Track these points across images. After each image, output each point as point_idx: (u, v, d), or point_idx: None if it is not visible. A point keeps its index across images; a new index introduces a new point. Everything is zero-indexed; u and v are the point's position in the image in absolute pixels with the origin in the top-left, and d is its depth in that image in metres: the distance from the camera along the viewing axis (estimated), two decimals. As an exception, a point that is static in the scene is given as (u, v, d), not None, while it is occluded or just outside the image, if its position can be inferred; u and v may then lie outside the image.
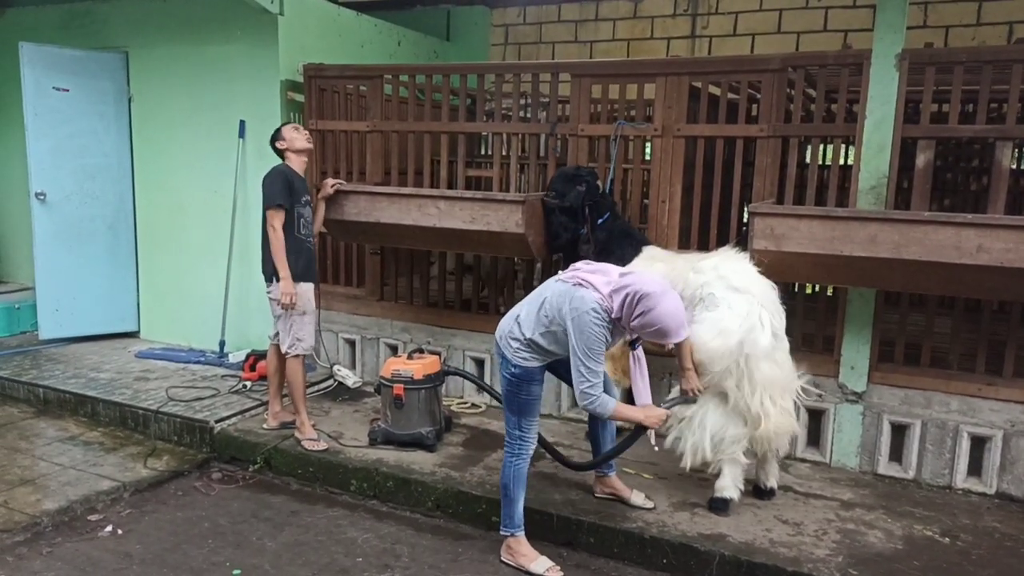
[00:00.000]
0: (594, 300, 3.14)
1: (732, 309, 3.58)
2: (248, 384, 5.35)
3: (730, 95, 4.66)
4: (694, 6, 7.03)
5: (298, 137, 4.51)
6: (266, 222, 4.36)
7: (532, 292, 3.49)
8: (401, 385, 4.40)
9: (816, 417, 4.43)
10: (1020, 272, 3.43)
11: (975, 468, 4.11)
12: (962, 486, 4.12)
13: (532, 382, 3.37)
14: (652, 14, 7.19)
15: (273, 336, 4.60)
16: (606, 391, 3.28)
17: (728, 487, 3.72)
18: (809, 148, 5.30)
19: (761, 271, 3.74)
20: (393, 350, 5.56)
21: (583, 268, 3.34)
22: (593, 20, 7.44)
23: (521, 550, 3.49)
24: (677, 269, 3.96)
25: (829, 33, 6.51)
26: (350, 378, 5.59)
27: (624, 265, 4.04)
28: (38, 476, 4.29)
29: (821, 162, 5.55)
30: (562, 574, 3.43)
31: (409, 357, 4.55)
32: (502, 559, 3.54)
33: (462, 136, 5.30)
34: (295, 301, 4.36)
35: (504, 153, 5.36)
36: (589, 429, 3.95)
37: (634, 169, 5.02)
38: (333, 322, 5.82)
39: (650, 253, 4.31)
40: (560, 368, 3.40)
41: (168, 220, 6.31)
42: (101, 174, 6.32)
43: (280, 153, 4.52)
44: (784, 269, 3.87)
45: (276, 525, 3.90)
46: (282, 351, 4.50)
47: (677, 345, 3.45)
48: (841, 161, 4.66)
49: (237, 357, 5.79)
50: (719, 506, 3.76)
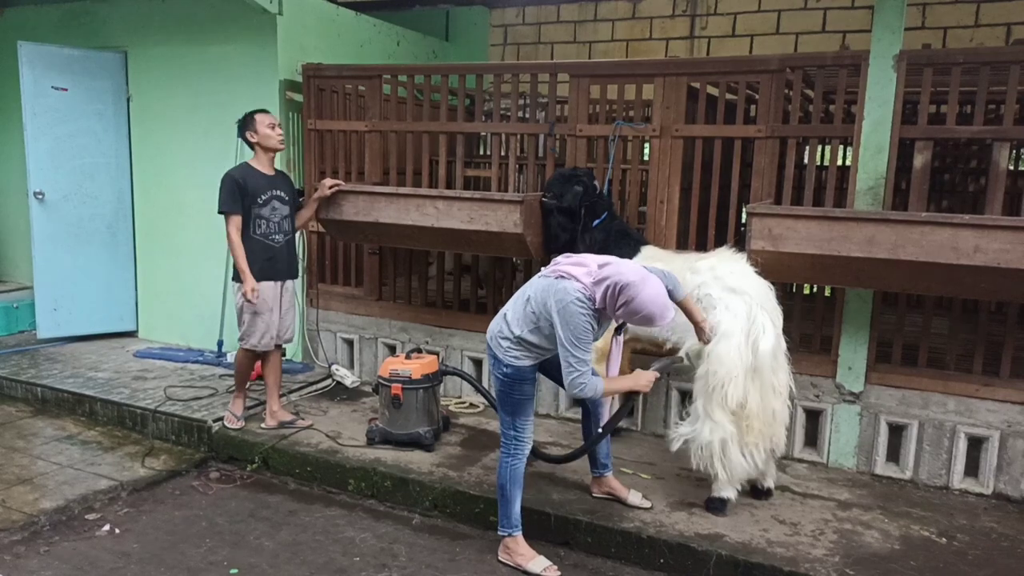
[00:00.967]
0: (576, 290, 3.14)
1: (729, 310, 3.59)
2: (246, 384, 5.35)
3: (728, 96, 4.66)
4: (693, 7, 7.04)
5: (272, 136, 4.46)
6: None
7: (517, 291, 3.48)
8: (399, 385, 4.41)
9: (813, 417, 4.43)
10: (1017, 273, 3.43)
11: (972, 469, 4.12)
12: (959, 486, 4.12)
13: (524, 381, 3.37)
14: (651, 15, 7.21)
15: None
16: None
17: (725, 487, 3.72)
18: (807, 149, 5.31)
19: (758, 272, 3.75)
20: (391, 350, 5.57)
21: (563, 261, 3.33)
22: (592, 21, 7.45)
23: (519, 550, 3.49)
24: (674, 269, 3.93)
25: (827, 34, 6.52)
26: (348, 378, 5.59)
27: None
28: (36, 475, 4.29)
29: (819, 163, 5.56)
30: (559, 574, 3.43)
31: (407, 357, 4.56)
32: (500, 559, 3.54)
33: (461, 136, 5.31)
34: (256, 297, 4.44)
35: (502, 153, 5.35)
36: (583, 429, 3.95)
37: (632, 169, 5.03)
38: (331, 322, 5.82)
39: (648, 253, 4.30)
40: (552, 370, 3.40)
41: (166, 220, 6.31)
42: (99, 174, 6.32)
43: (251, 145, 4.48)
44: (782, 270, 3.88)
45: (274, 524, 3.90)
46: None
47: (683, 304, 3.46)
48: (839, 162, 4.66)
49: (235, 357, 5.78)
50: (716, 506, 3.76)
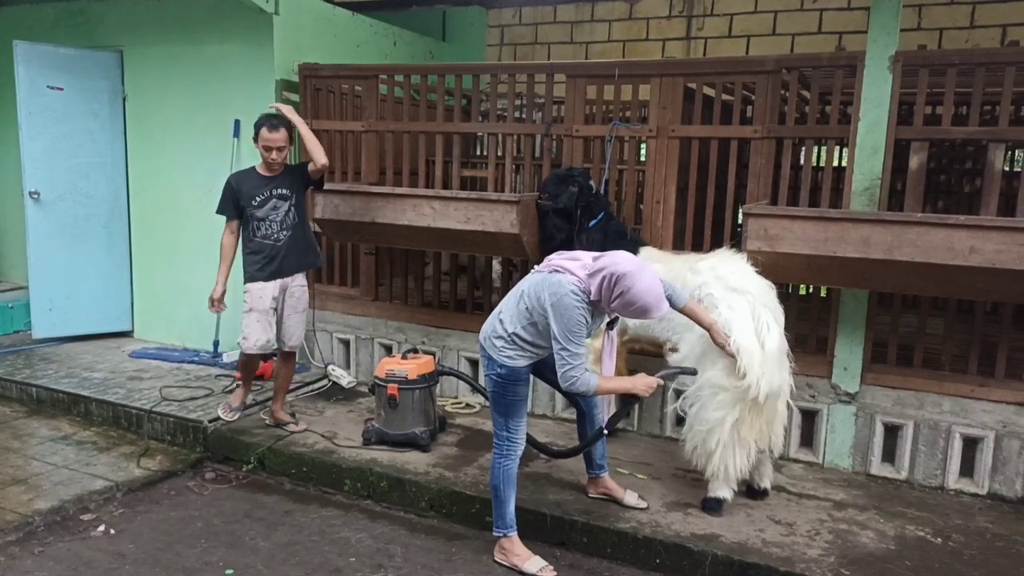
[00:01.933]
0: (571, 283, 3.14)
1: (732, 310, 3.59)
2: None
3: (725, 96, 4.67)
4: (689, 8, 7.04)
5: (264, 156, 4.39)
6: None
7: (511, 290, 3.48)
8: (395, 385, 4.41)
9: (809, 418, 4.44)
10: (1012, 273, 3.45)
11: (967, 469, 4.12)
12: (954, 487, 4.13)
13: (518, 382, 3.37)
14: (647, 15, 7.20)
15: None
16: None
17: (721, 487, 3.72)
18: (803, 150, 5.31)
19: (758, 271, 3.75)
20: (387, 350, 5.56)
21: (557, 257, 3.33)
22: (589, 21, 7.45)
23: (514, 550, 3.49)
24: (674, 270, 3.96)
25: (824, 35, 6.53)
26: (344, 378, 5.59)
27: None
28: (30, 475, 4.28)
29: (815, 164, 5.56)
30: (555, 574, 3.43)
31: (403, 357, 4.55)
32: (495, 559, 3.54)
33: (457, 136, 5.30)
34: (213, 303, 4.54)
35: (499, 153, 5.35)
36: (579, 431, 3.94)
37: (629, 170, 5.03)
38: (328, 322, 5.82)
39: (646, 254, 4.30)
40: (546, 371, 3.40)
41: (162, 219, 6.30)
42: (95, 173, 6.31)
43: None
44: (778, 270, 3.88)
45: (269, 525, 3.90)
46: None
47: (687, 311, 3.47)
48: (835, 163, 4.67)
49: (231, 357, 5.78)
50: (712, 506, 3.76)
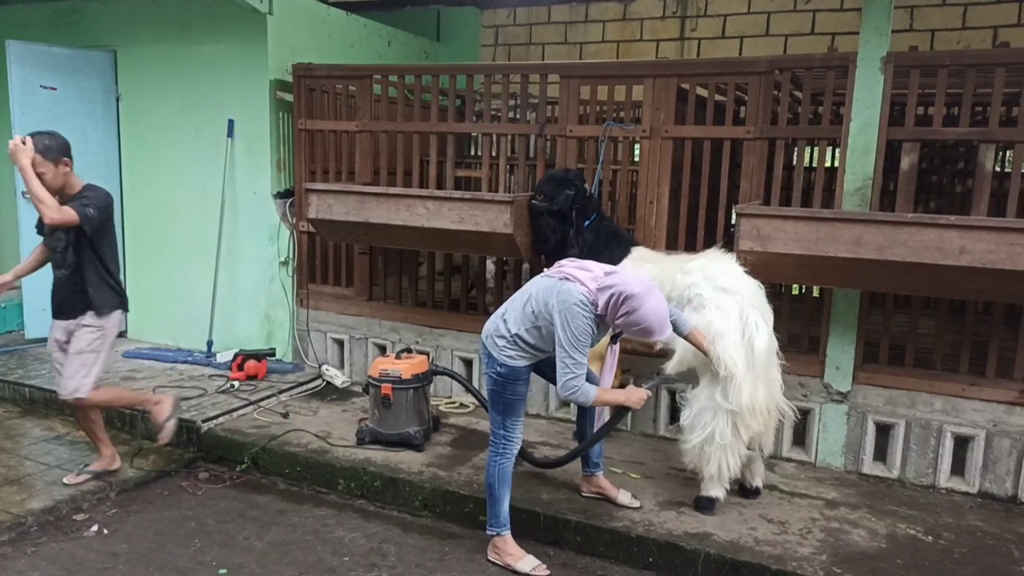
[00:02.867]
0: (581, 293, 3.17)
1: (720, 310, 3.60)
2: (236, 384, 5.34)
3: (718, 97, 4.69)
4: (683, 8, 7.06)
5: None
6: None
7: (518, 291, 3.51)
8: (389, 385, 4.41)
9: (802, 417, 4.45)
10: (1002, 273, 3.47)
11: (958, 467, 4.15)
12: (945, 485, 4.15)
13: (517, 381, 3.38)
14: (641, 16, 7.22)
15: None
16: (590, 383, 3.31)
17: (714, 487, 3.74)
18: (795, 150, 5.33)
19: (748, 271, 3.77)
20: (381, 350, 5.56)
21: (568, 264, 3.37)
22: (583, 22, 7.47)
23: (508, 549, 3.50)
24: (665, 270, 3.98)
25: (816, 36, 6.55)
26: (338, 378, 5.59)
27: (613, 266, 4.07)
28: (23, 475, 4.27)
29: (807, 164, 5.58)
30: (549, 573, 3.44)
31: (397, 357, 4.56)
32: (489, 558, 3.54)
33: (451, 136, 5.31)
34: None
35: (493, 154, 5.36)
36: (577, 428, 3.97)
37: (622, 170, 5.04)
38: (321, 322, 5.82)
39: (638, 254, 4.32)
40: (546, 368, 3.41)
41: (156, 219, 6.29)
42: (88, 173, 6.14)
43: None
44: (770, 270, 3.90)
45: (263, 524, 3.90)
46: None
47: (691, 338, 3.49)
48: (827, 163, 4.69)
49: (225, 357, 5.78)
50: (705, 505, 3.78)
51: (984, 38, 6.05)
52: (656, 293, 3.15)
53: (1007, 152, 5.58)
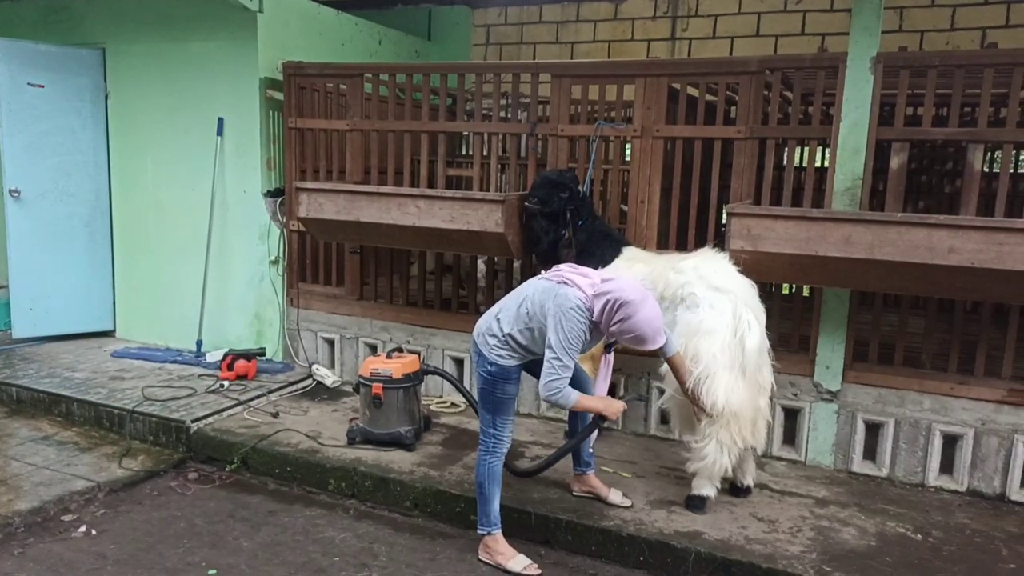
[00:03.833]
0: (578, 298, 3.18)
1: (713, 308, 3.61)
2: (225, 384, 5.32)
3: (709, 97, 4.70)
4: (674, 8, 7.07)
5: None
6: None
7: (512, 290, 3.51)
8: (380, 384, 4.40)
9: (792, 416, 4.47)
10: (990, 272, 3.49)
11: (947, 466, 4.17)
12: (934, 483, 4.18)
13: (508, 381, 3.38)
14: (632, 16, 7.23)
15: None
16: (583, 388, 3.32)
17: (705, 485, 3.75)
18: (786, 150, 5.35)
19: (740, 270, 3.78)
20: (372, 349, 5.55)
21: (566, 269, 3.38)
22: (574, 21, 7.47)
23: (499, 548, 3.49)
24: (657, 270, 3.98)
25: (807, 36, 6.58)
26: (329, 377, 5.57)
27: (604, 266, 4.07)
28: (10, 476, 4.23)
29: (798, 164, 5.60)
30: (540, 572, 3.44)
31: (388, 356, 4.54)
32: (480, 558, 3.54)
33: (442, 135, 5.30)
34: None
35: (484, 153, 5.36)
36: (568, 428, 3.96)
37: (614, 169, 5.04)
38: (312, 321, 5.80)
39: (630, 254, 4.32)
40: (536, 368, 3.41)
41: (145, 218, 6.25)
42: (77, 171, 6.25)
43: None
44: (761, 269, 3.91)
45: (253, 525, 3.88)
46: None
47: (672, 362, 3.50)
48: (817, 163, 4.70)
49: (214, 356, 5.75)
50: (696, 504, 3.79)
51: (973, 39, 6.09)
52: (651, 302, 3.17)
53: (995, 152, 5.62)
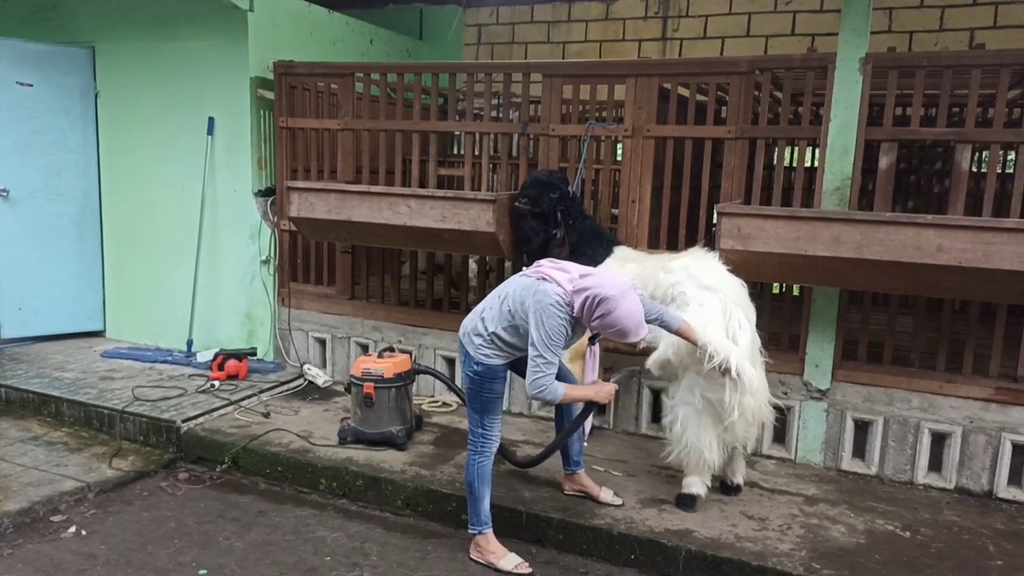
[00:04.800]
0: (557, 294, 3.17)
1: (704, 307, 3.62)
2: (216, 384, 5.30)
3: (699, 97, 4.71)
4: (665, 9, 7.10)
5: None
6: None
7: (495, 289, 3.51)
8: (371, 384, 4.39)
9: (781, 414, 4.49)
10: (978, 272, 3.51)
11: (935, 464, 4.20)
12: (923, 481, 4.20)
13: (494, 380, 3.39)
14: (624, 16, 7.26)
15: None
16: (567, 382, 3.33)
17: (695, 484, 3.76)
18: (776, 150, 5.37)
19: (730, 270, 3.79)
20: (364, 349, 5.54)
21: (546, 264, 3.37)
22: (565, 21, 7.49)
23: (490, 547, 3.50)
24: (648, 269, 3.99)
25: (797, 37, 6.61)
26: (320, 377, 5.57)
27: (595, 265, 4.07)
28: (-1, 477, 4.22)
29: (787, 164, 5.63)
30: (531, 571, 3.45)
31: (380, 356, 4.54)
32: (471, 557, 3.54)
33: (434, 135, 5.30)
34: None
35: (476, 152, 5.36)
36: (556, 425, 3.97)
37: (605, 169, 5.05)
38: (303, 321, 5.79)
39: (621, 253, 4.34)
40: (523, 367, 3.41)
41: (135, 218, 6.23)
42: (67, 171, 6.22)
43: None
44: (751, 268, 3.93)
45: (244, 525, 3.87)
46: None
47: (681, 332, 3.48)
48: (807, 163, 4.73)
49: (205, 356, 5.73)
50: (686, 502, 3.80)
51: (961, 40, 6.13)
52: (631, 295, 3.14)
53: (983, 152, 5.65)
